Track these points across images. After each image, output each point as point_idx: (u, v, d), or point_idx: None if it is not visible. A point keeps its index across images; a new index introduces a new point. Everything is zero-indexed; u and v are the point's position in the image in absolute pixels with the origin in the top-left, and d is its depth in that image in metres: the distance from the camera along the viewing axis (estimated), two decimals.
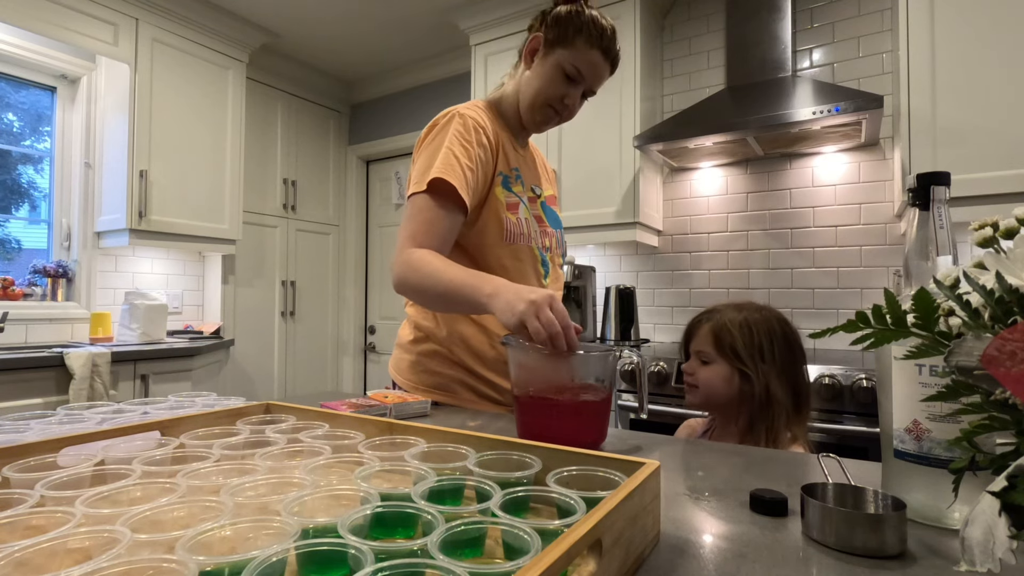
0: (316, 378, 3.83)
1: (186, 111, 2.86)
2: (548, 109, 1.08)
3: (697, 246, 2.67)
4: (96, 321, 2.67)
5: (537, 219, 1.14)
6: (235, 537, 0.39)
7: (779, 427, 1.00)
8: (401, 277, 0.97)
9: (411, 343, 1.16)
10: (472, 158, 1.02)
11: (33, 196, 2.85)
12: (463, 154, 1.01)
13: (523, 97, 1.10)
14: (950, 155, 1.78)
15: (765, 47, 2.37)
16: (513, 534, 0.39)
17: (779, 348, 1.04)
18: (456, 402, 1.11)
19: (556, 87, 1.05)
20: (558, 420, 0.77)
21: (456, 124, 1.03)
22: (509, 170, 1.11)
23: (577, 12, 1.02)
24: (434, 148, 1.02)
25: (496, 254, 1.07)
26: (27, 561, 0.35)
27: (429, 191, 0.98)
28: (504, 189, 1.09)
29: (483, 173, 1.04)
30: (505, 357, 0.96)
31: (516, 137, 1.16)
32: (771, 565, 0.45)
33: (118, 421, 0.72)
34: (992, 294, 0.37)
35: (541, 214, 1.16)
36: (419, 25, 3.17)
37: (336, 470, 0.54)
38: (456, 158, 1.00)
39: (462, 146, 1.01)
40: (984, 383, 0.35)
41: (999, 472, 0.33)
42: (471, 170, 1.01)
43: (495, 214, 1.07)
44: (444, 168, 0.98)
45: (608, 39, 1.04)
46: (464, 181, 0.99)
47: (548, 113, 1.09)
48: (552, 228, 1.18)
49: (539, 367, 0.82)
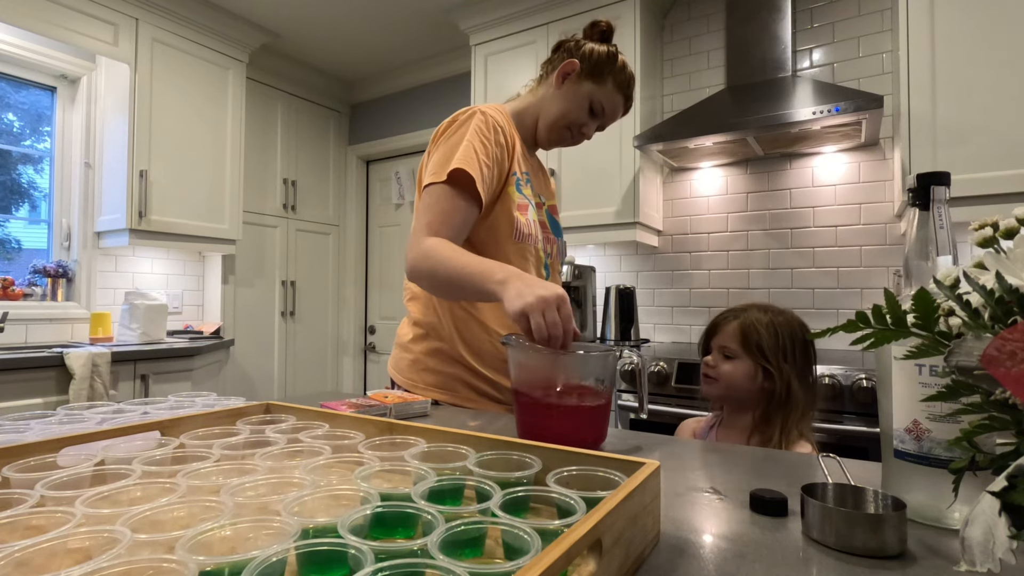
0: (316, 378, 3.83)
1: (186, 111, 2.86)
2: (566, 131, 1.15)
3: (697, 246, 2.67)
4: (96, 321, 2.67)
5: (542, 225, 1.18)
6: (235, 537, 0.39)
7: (791, 424, 1.06)
8: (414, 263, 0.98)
9: (411, 341, 1.16)
10: (490, 155, 1.04)
11: (33, 196, 2.85)
12: (482, 150, 1.02)
13: (546, 113, 1.15)
14: (950, 155, 1.78)
15: (765, 47, 2.37)
16: (513, 534, 0.39)
17: (799, 350, 1.11)
18: (456, 401, 1.11)
19: (581, 115, 1.12)
20: (558, 420, 0.77)
21: (477, 120, 1.05)
22: (522, 173, 1.13)
23: (613, 55, 1.11)
24: (455, 141, 1.03)
25: (504, 251, 1.09)
26: (27, 561, 0.35)
27: (449, 182, 1.00)
28: (516, 190, 1.11)
29: (498, 171, 1.07)
30: (505, 355, 0.96)
31: (528, 146, 1.21)
32: (771, 565, 0.45)
33: (118, 421, 0.72)
34: (992, 294, 0.37)
35: (545, 221, 1.20)
36: (419, 25, 3.17)
37: (336, 470, 0.54)
38: (475, 152, 1.01)
39: (481, 142, 1.03)
40: (984, 383, 0.35)
41: (999, 472, 0.33)
42: (488, 167, 1.03)
43: (507, 212, 1.09)
44: (464, 160, 1.00)
45: (631, 87, 1.14)
46: (481, 175, 1.01)
47: (564, 135, 1.16)
48: (555, 236, 1.22)
49: (539, 367, 0.82)
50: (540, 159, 1.30)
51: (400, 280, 3.85)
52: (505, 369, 1.07)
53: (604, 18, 1.15)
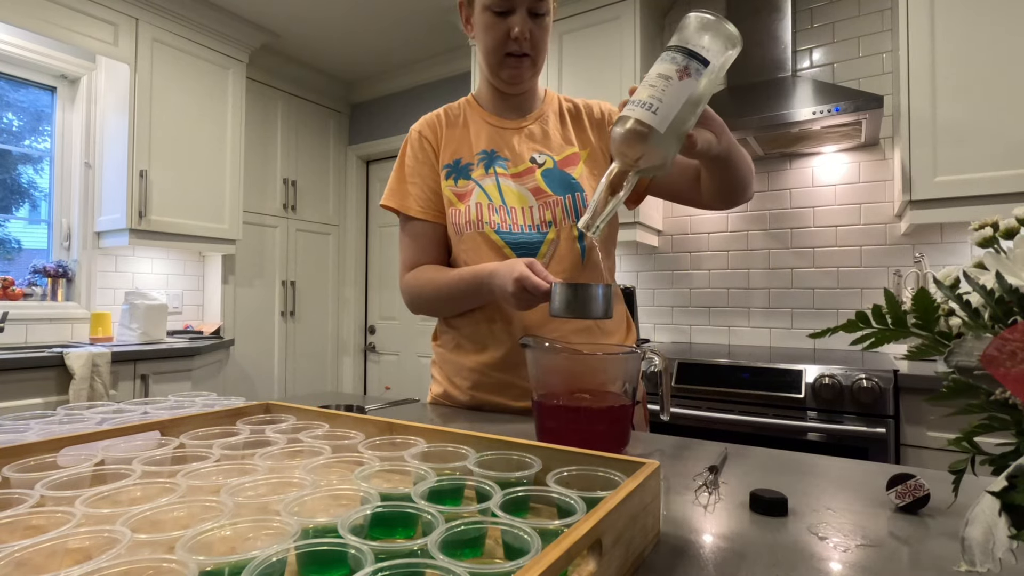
0: (316, 378, 3.83)
1: (186, 111, 2.86)
2: (506, 58, 1.01)
3: (697, 246, 2.67)
4: (96, 321, 2.67)
5: (535, 191, 1.03)
6: (235, 537, 0.39)
7: None
8: (408, 303, 1.08)
9: (437, 344, 1.15)
10: (417, 171, 1.08)
11: (33, 196, 2.85)
12: (409, 170, 1.09)
13: (483, 66, 1.05)
14: (950, 155, 1.78)
15: (765, 47, 2.37)
16: (513, 534, 0.39)
17: None
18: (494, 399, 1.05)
19: (493, 31, 0.98)
20: (578, 425, 0.74)
21: (407, 142, 1.11)
22: (473, 157, 1.07)
23: None
24: (392, 175, 1.11)
25: (457, 250, 1.06)
26: (27, 561, 0.35)
27: (400, 217, 1.09)
28: (450, 181, 1.06)
29: (431, 178, 1.08)
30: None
31: (505, 112, 1.10)
32: (771, 565, 0.45)
33: (118, 421, 0.72)
34: (992, 294, 0.37)
35: (540, 184, 1.03)
36: (419, 25, 3.17)
37: (336, 470, 0.54)
38: (399, 179, 1.09)
39: (405, 163, 1.09)
40: (984, 383, 0.35)
41: (999, 472, 0.33)
42: (415, 183, 1.07)
43: (445, 212, 1.07)
44: (388, 193, 1.09)
45: None
46: (403, 196, 1.07)
47: (509, 62, 1.01)
48: (558, 195, 1.02)
49: (559, 369, 0.79)
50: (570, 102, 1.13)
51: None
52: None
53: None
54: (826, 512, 0.56)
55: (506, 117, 1.10)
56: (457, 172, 1.06)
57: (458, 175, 1.06)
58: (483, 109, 1.11)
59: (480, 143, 1.08)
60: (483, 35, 1.01)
